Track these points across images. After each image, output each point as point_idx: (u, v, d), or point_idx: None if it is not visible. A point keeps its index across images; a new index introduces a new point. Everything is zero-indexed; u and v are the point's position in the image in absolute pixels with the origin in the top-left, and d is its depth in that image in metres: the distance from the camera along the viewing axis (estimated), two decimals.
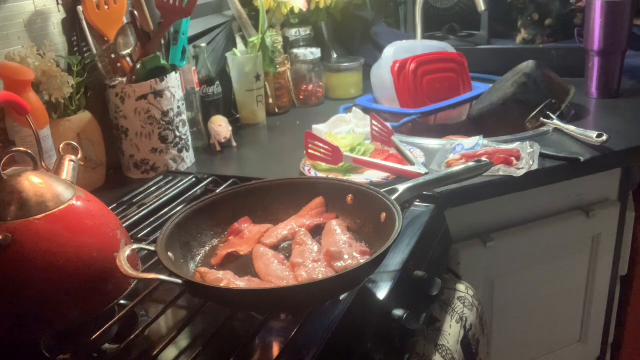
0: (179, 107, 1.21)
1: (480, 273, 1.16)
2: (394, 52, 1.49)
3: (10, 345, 0.68)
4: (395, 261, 0.83)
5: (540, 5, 1.75)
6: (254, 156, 1.33)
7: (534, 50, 1.74)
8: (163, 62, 1.18)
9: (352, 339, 0.71)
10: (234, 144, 1.36)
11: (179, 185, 1.09)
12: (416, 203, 0.99)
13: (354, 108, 1.42)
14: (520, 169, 1.08)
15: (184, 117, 1.24)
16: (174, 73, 1.20)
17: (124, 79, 1.18)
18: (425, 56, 1.47)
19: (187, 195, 1.05)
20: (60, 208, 0.68)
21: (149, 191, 1.09)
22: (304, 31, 1.69)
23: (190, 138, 1.27)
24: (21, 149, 0.71)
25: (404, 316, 0.75)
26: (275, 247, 0.82)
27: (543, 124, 1.31)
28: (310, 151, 1.11)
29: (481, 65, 1.66)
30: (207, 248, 0.83)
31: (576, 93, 1.40)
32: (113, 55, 1.20)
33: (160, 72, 1.18)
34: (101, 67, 1.21)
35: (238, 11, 1.53)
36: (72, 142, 0.83)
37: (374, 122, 1.21)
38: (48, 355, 0.68)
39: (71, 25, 1.18)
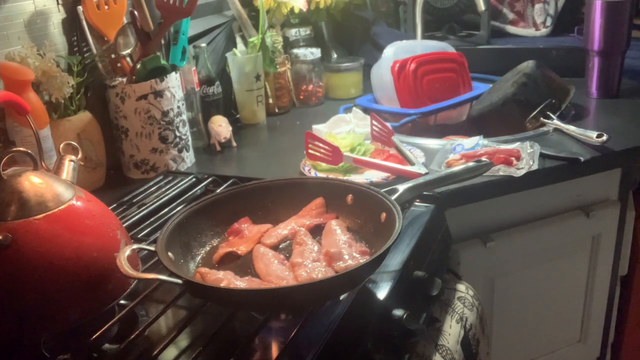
0: (179, 107, 1.21)
1: (480, 273, 1.16)
2: (394, 52, 1.49)
3: (10, 345, 0.68)
4: (395, 261, 0.83)
5: None
6: (254, 156, 1.33)
7: (534, 50, 1.74)
8: (163, 62, 1.18)
9: (352, 339, 0.71)
10: (234, 144, 1.36)
11: (179, 185, 1.09)
12: (416, 203, 0.99)
13: (354, 108, 1.42)
14: (520, 169, 1.08)
15: (184, 117, 1.24)
16: (174, 73, 1.20)
17: (124, 79, 1.18)
18: (425, 56, 1.47)
19: (187, 195, 1.05)
20: (60, 208, 0.68)
21: (149, 191, 1.09)
22: (304, 31, 1.69)
23: (190, 138, 1.27)
24: (21, 149, 0.71)
25: (404, 316, 0.75)
26: (275, 247, 0.82)
27: (543, 124, 1.31)
28: (310, 151, 1.11)
29: (481, 65, 1.66)
30: (207, 248, 0.83)
31: (576, 93, 1.40)
32: (113, 55, 1.20)
33: (160, 72, 1.18)
34: (101, 67, 1.21)
35: (238, 11, 1.53)
36: (72, 142, 0.83)
37: (374, 122, 1.21)
38: (48, 355, 0.68)
39: (71, 25, 1.18)
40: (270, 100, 1.59)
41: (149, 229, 0.94)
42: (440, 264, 1.00)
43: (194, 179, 1.11)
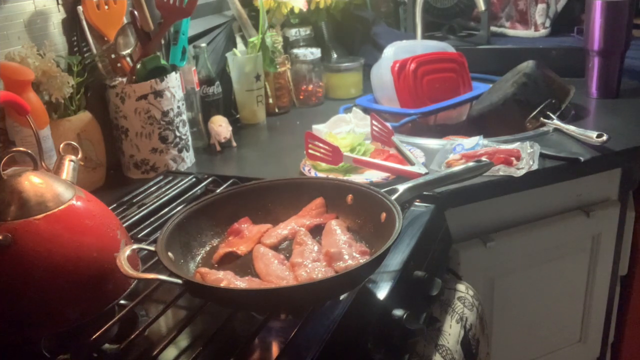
0: (179, 107, 1.21)
1: (480, 273, 1.16)
2: (394, 52, 1.49)
3: (10, 345, 0.68)
4: (395, 261, 0.83)
5: None
6: (254, 156, 1.33)
7: (534, 50, 1.74)
8: (163, 62, 1.18)
9: (352, 339, 0.71)
10: (234, 144, 1.36)
11: (179, 185, 1.09)
12: (416, 203, 0.99)
13: (354, 108, 1.42)
14: (520, 169, 1.08)
15: (184, 117, 1.24)
16: (174, 73, 1.20)
17: (124, 79, 1.18)
18: (425, 56, 1.47)
19: (187, 195, 1.05)
20: (60, 208, 0.68)
21: (149, 191, 1.09)
22: (304, 31, 1.69)
23: (190, 138, 1.27)
24: (21, 149, 0.71)
25: (404, 316, 0.75)
26: (275, 247, 0.82)
27: (543, 124, 1.31)
28: (310, 151, 1.11)
29: (481, 65, 1.66)
30: (207, 248, 0.83)
31: (576, 93, 1.40)
32: (113, 55, 1.20)
33: (160, 72, 1.18)
34: (101, 67, 1.21)
35: (238, 11, 1.53)
36: (72, 142, 0.83)
37: (374, 122, 1.21)
38: (48, 355, 0.68)
39: (71, 25, 1.18)
40: (270, 100, 1.59)
41: (149, 229, 0.94)
42: (440, 264, 1.00)
43: (194, 179, 1.11)
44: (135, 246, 0.70)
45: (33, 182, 0.68)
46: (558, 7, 1.93)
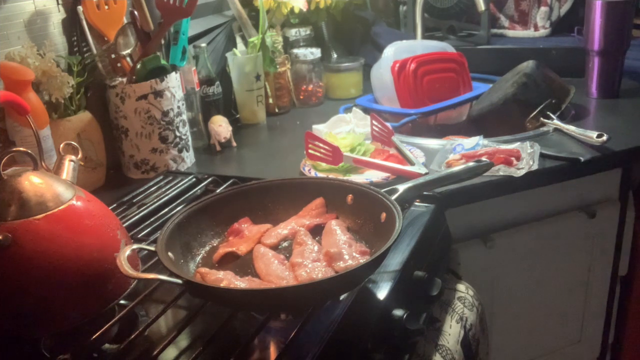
0: (179, 107, 1.21)
1: (480, 273, 1.16)
2: (394, 52, 1.48)
3: (10, 345, 0.68)
4: (395, 261, 0.83)
5: None
6: (254, 156, 1.33)
7: (534, 50, 1.74)
8: (163, 62, 1.18)
9: (352, 339, 0.71)
10: (234, 144, 1.36)
11: (179, 185, 1.09)
12: (416, 203, 0.99)
13: (354, 108, 1.42)
14: (520, 169, 1.08)
15: (184, 117, 1.24)
16: (174, 73, 1.20)
17: (124, 79, 1.18)
18: (425, 56, 1.47)
19: (187, 195, 1.05)
20: (60, 208, 0.68)
21: (149, 191, 1.09)
22: (304, 31, 1.69)
23: (190, 138, 1.27)
24: (21, 149, 0.71)
25: (404, 316, 0.76)
26: (275, 247, 0.82)
27: (543, 124, 1.31)
28: (310, 151, 1.11)
29: (481, 65, 1.66)
30: (207, 248, 0.83)
31: (576, 93, 1.40)
32: (113, 55, 1.20)
33: (160, 72, 1.18)
34: (101, 67, 1.21)
35: (238, 11, 1.53)
36: (72, 142, 0.83)
37: (374, 122, 1.21)
38: (48, 355, 0.68)
39: (71, 25, 1.18)
40: (270, 100, 1.59)
41: (149, 229, 0.94)
42: (440, 264, 1.00)
43: (194, 179, 1.12)
44: (135, 246, 0.70)
45: (33, 182, 0.68)
46: (561, 12, 1.93)
